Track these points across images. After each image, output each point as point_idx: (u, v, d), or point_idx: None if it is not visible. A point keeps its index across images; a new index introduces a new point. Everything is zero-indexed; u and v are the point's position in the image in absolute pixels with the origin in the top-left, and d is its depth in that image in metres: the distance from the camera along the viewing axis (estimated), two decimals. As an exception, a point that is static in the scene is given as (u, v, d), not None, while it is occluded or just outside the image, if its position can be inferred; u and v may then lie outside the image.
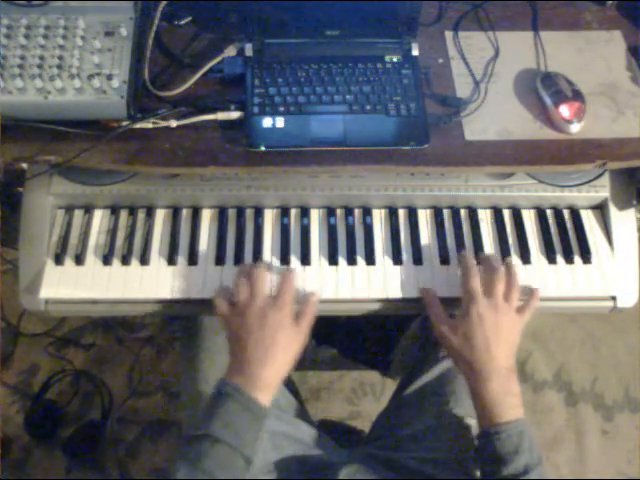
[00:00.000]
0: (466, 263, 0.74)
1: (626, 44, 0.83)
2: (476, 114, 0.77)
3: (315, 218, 0.82)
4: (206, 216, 0.82)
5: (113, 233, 0.80)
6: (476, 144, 0.75)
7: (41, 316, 0.78)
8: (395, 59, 0.79)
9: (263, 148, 0.72)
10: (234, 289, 0.72)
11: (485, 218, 0.83)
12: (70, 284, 0.76)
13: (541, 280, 0.78)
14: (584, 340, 1.53)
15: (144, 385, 1.42)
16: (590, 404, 1.44)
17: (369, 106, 0.75)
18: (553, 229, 0.82)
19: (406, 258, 0.79)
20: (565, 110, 0.75)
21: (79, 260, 0.78)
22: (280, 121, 0.74)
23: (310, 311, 0.73)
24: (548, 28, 0.85)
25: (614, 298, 0.78)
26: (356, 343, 1.36)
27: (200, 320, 0.85)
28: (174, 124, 0.73)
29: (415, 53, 0.80)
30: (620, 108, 0.78)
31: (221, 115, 0.74)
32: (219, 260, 0.79)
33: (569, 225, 0.82)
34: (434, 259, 0.80)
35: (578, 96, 0.76)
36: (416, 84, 0.77)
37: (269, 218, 0.82)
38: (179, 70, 0.79)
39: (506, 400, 0.68)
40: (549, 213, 0.84)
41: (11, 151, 0.71)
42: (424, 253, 0.80)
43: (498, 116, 0.77)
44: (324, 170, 0.77)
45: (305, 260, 0.79)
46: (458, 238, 0.81)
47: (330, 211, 0.82)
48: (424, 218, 0.83)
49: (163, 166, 0.72)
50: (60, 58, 0.71)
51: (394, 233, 0.81)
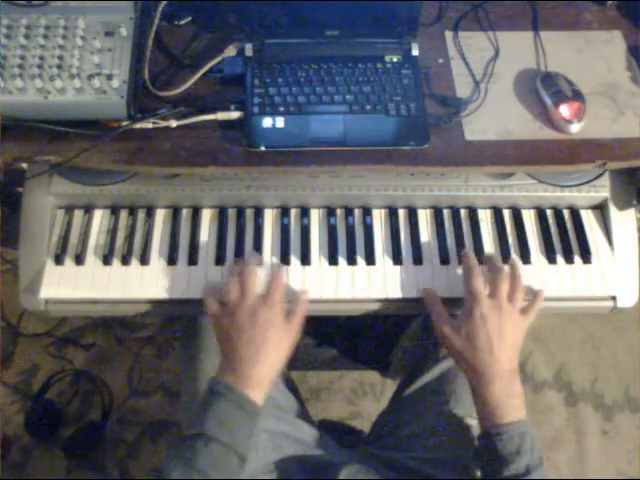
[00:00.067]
0: (468, 262, 0.74)
1: (626, 44, 0.83)
2: (476, 114, 0.77)
3: (315, 218, 0.82)
4: (206, 216, 0.82)
5: (113, 233, 0.80)
6: (476, 144, 0.75)
7: (41, 316, 0.78)
8: (395, 59, 0.79)
9: (263, 148, 0.72)
10: (224, 288, 0.72)
11: (485, 218, 0.83)
12: (70, 284, 0.76)
13: (541, 280, 0.78)
14: (584, 340, 1.53)
15: (144, 385, 1.42)
16: (590, 404, 1.44)
17: (369, 106, 0.75)
18: (553, 229, 0.82)
19: (406, 258, 0.79)
20: (565, 110, 0.75)
21: (79, 260, 0.78)
22: (280, 121, 0.74)
23: (301, 309, 0.73)
24: (548, 28, 0.85)
25: (614, 298, 0.78)
26: (356, 343, 1.36)
27: (200, 320, 0.84)
28: (174, 124, 0.73)
29: (415, 53, 0.80)
30: (620, 108, 0.78)
31: (221, 115, 0.74)
32: (219, 260, 0.79)
33: (569, 225, 0.82)
34: (434, 259, 0.80)
35: (578, 96, 0.76)
36: (416, 84, 0.77)
37: (269, 218, 0.82)
38: (179, 70, 0.79)
39: (508, 402, 0.67)
40: (549, 213, 0.84)
41: (11, 151, 0.71)
42: (424, 253, 0.80)
43: (498, 116, 0.77)
44: (324, 170, 0.77)
45: (305, 260, 0.79)
46: (458, 238, 0.81)
47: (330, 211, 0.82)
48: (424, 218, 0.83)
49: (163, 166, 0.72)
50: (60, 58, 0.71)
51: (394, 233, 0.81)
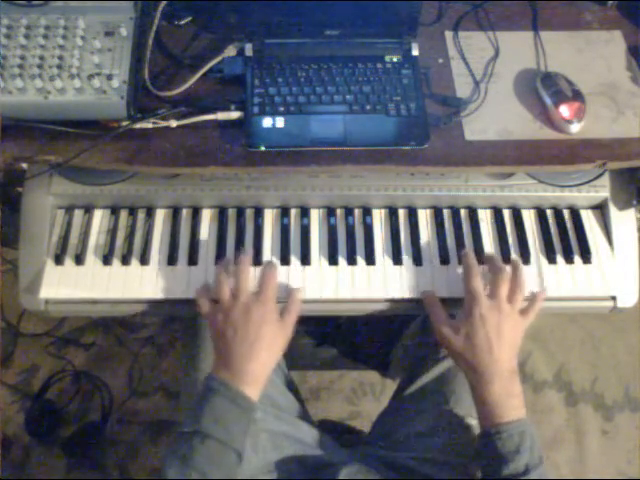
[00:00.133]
0: (468, 262, 0.74)
1: (626, 44, 0.83)
2: (476, 114, 0.77)
3: (315, 218, 0.82)
4: (206, 216, 0.82)
5: (113, 233, 0.80)
6: (476, 144, 0.75)
7: (41, 316, 0.78)
8: (395, 59, 0.79)
9: (263, 148, 0.72)
10: (216, 286, 0.72)
11: (485, 218, 0.83)
12: (70, 284, 0.76)
13: (541, 280, 0.78)
14: (584, 340, 1.53)
15: (144, 385, 1.42)
16: (590, 404, 1.44)
17: (369, 106, 0.75)
18: (553, 229, 0.82)
19: (406, 258, 0.79)
20: (565, 110, 0.75)
21: (79, 260, 0.78)
22: (280, 121, 0.74)
23: (294, 308, 0.73)
24: (548, 28, 0.85)
25: (614, 298, 0.78)
26: (356, 343, 1.36)
27: (200, 320, 0.84)
28: (174, 124, 0.73)
29: (415, 53, 0.80)
30: (620, 108, 0.78)
31: (221, 115, 0.74)
32: (219, 260, 0.78)
33: (569, 225, 0.82)
34: (434, 259, 0.80)
35: (578, 96, 0.76)
36: (416, 84, 0.77)
37: (269, 218, 0.82)
38: (179, 70, 0.79)
39: (508, 401, 0.67)
40: (549, 213, 0.84)
41: (11, 151, 0.71)
42: (424, 253, 0.80)
43: (498, 116, 0.77)
44: (324, 170, 0.77)
45: (305, 260, 0.79)
46: (458, 238, 0.81)
47: (330, 211, 0.82)
48: (424, 218, 0.83)
49: (163, 166, 0.72)
50: (60, 58, 0.71)
51: (394, 233, 0.81)
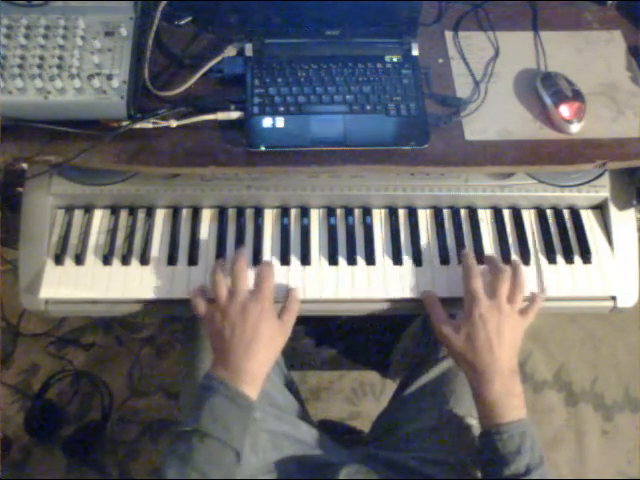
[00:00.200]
0: (467, 262, 0.74)
1: (626, 44, 0.83)
2: (476, 114, 0.77)
3: (315, 218, 0.82)
4: (206, 216, 0.82)
5: (113, 233, 0.80)
6: (476, 144, 0.74)
7: (41, 316, 0.78)
8: (395, 59, 0.79)
9: (263, 148, 0.72)
10: (213, 286, 0.71)
11: (485, 218, 0.83)
12: (70, 284, 0.76)
13: (541, 280, 0.78)
14: (584, 340, 1.53)
15: (144, 385, 1.42)
16: (590, 404, 1.44)
17: (369, 106, 0.75)
18: (553, 229, 0.82)
19: (406, 258, 0.79)
20: (565, 110, 0.75)
21: (79, 260, 0.78)
22: (280, 121, 0.74)
23: (293, 307, 0.73)
24: (548, 28, 0.85)
25: (614, 298, 0.78)
26: (356, 343, 1.36)
27: (200, 320, 0.84)
28: (174, 124, 0.73)
29: (415, 53, 0.80)
30: (620, 108, 0.78)
31: (221, 115, 0.74)
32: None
33: (569, 225, 0.82)
34: (434, 259, 0.80)
35: (578, 96, 0.76)
36: (416, 84, 0.77)
37: (269, 218, 0.82)
38: (179, 70, 0.79)
39: (508, 401, 0.67)
40: (549, 213, 0.84)
41: (11, 151, 0.71)
42: (424, 253, 0.80)
43: (498, 116, 0.77)
44: (324, 170, 0.77)
45: (305, 260, 0.79)
46: (458, 238, 0.81)
47: (330, 211, 0.82)
48: (424, 218, 0.83)
49: (163, 166, 0.72)
50: (60, 58, 0.71)
51: (394, 233, 0.81)
